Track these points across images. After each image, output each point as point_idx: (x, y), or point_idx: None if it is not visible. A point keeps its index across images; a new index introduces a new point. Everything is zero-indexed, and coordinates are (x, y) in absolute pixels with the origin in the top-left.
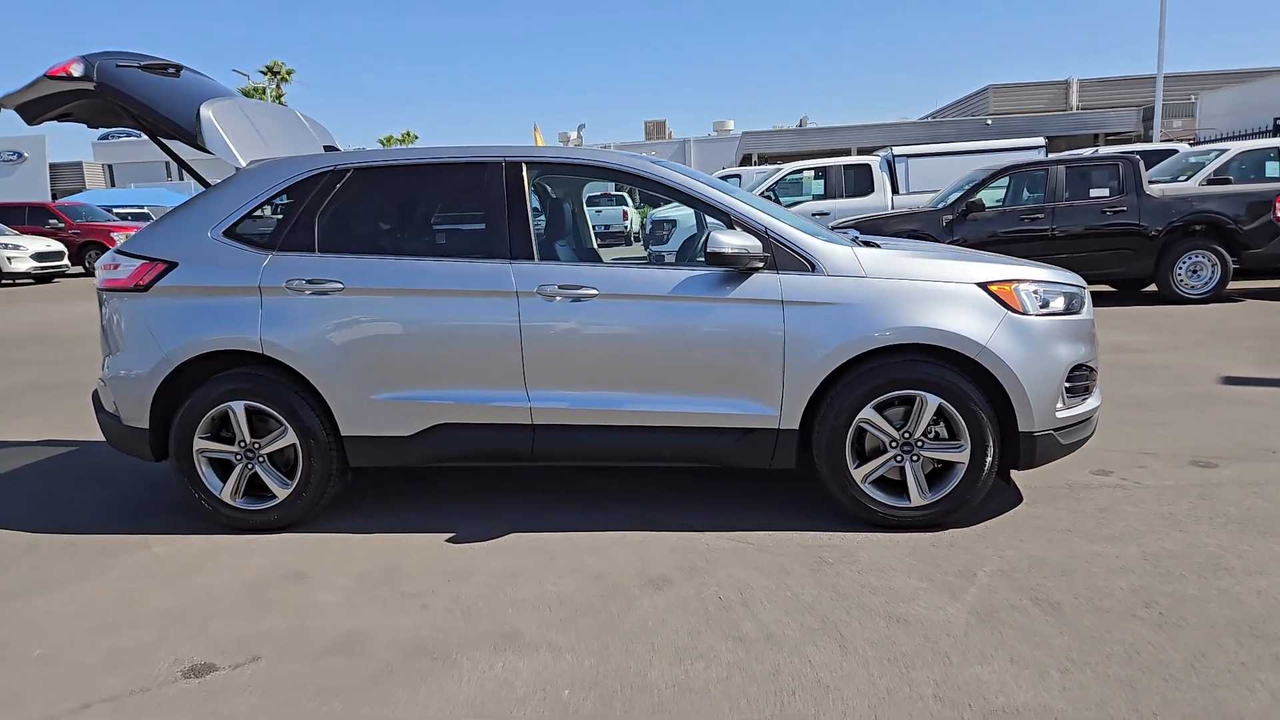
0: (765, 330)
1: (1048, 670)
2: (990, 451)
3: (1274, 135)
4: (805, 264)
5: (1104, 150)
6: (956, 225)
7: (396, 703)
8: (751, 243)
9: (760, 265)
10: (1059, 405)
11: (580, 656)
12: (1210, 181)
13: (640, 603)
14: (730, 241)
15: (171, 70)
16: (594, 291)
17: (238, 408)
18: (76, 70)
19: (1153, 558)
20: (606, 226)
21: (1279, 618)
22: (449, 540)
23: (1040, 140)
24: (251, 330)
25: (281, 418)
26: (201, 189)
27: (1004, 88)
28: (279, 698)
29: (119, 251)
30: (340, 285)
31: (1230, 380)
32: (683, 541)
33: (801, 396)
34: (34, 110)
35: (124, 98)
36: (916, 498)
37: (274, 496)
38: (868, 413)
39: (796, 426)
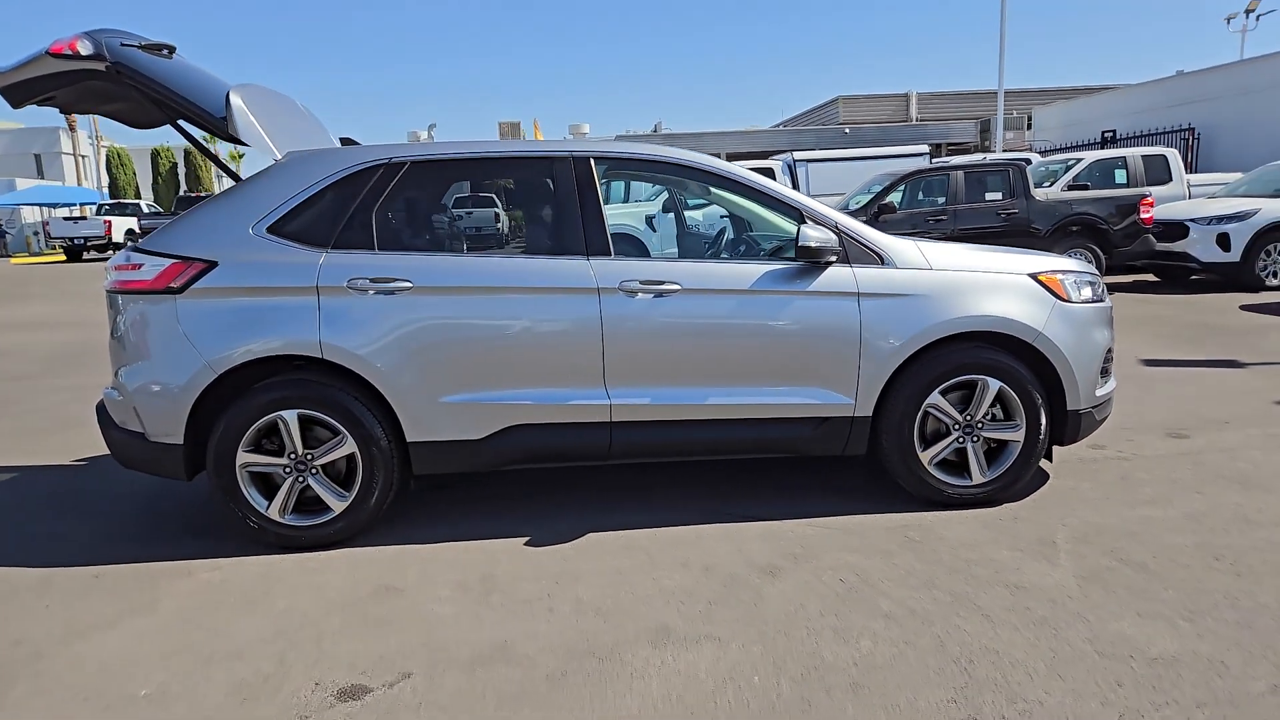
0: (843, 322)
1: (1175, 621)
2: (1043, 430)
3: (1103, 146)
4: (875, 257)
5: (992, 157)
6: (870, 225)
7: (591, 703)
8: (831, 237)
9: (834, 259)
10: (1098, 384)
11: (745, 644)
12: (1071, 187)
13: (767, 590)
14: (816, 235)
15: (165, 51)
16: (676, 287)
17: (290, 417)
18: (84, 48)
19: (1194, 517)
20: (478, 229)
21: None
22: (529, 544)
23: (924, 148)
24: (309, 333)
25: (340, 425)
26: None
27: (852, 99)
28: (463, 711)
29: (139, 250)
30: (409, 284)
31: (1151, 362)
32: (767, 531)
33: (876, 385)
34: (24, 92)
35: (142, 79)
36: (978, 476)
37: (329, 510)
38: (934, 398)
39: (870, 414)
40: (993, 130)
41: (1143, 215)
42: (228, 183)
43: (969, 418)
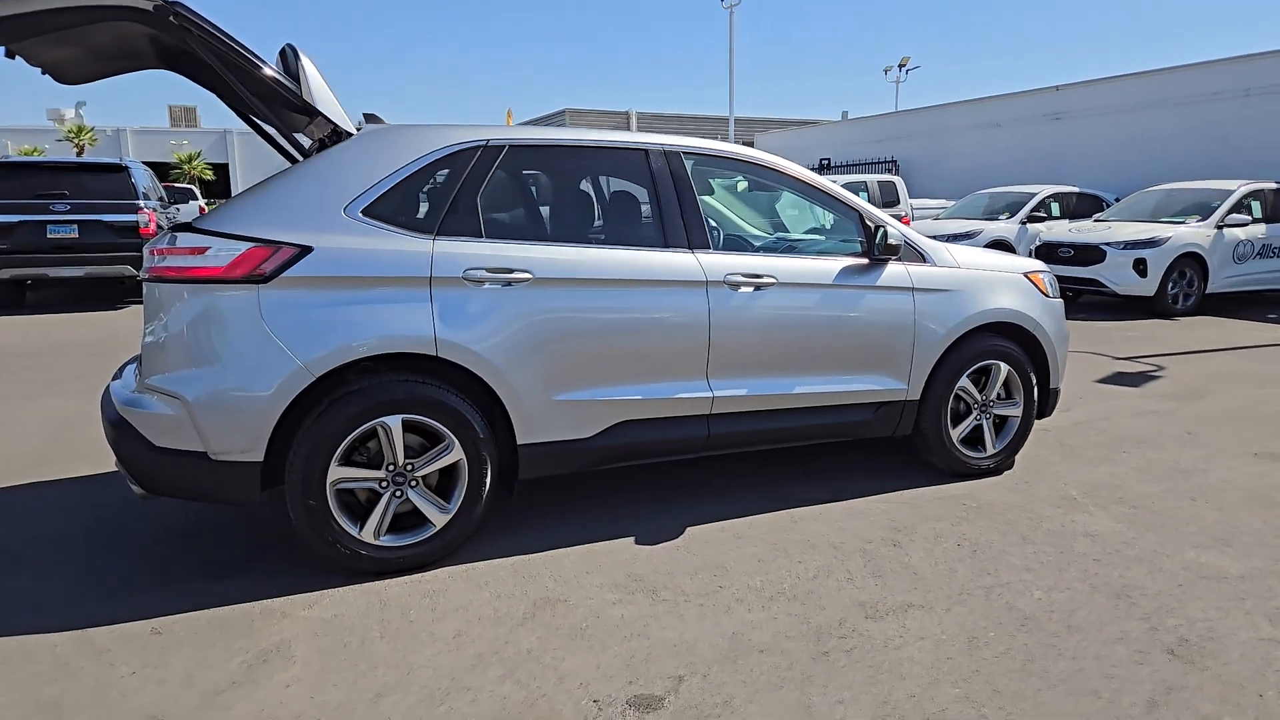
0: (902, 313)
1: (1223, 547)
2: (1035, 405)
3: (821, 173)
4: (919, 256)
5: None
6: None
7: (877, 671)
8: (902, 237)
9: (900, 256)
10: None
11: (946, 607)
12: None
13: (908, 561)
14: (895, 234)
15: None
16: (773, 280)
17: (393, 423)
18: None
19: (1143, 470)
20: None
21: (1270, 492)
22: (640, 543)
23: None
24: (424, 329)
25: (447, 431)
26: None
27: (578, 112)
28: (769, 698)
29: (203, 230)
30: (529, 275)
31: None
32: (847, 510)
33: (924, 371)
34: (19, 28)
35: (207, 31)
36: (990, 449)
37: (427, 526)
38: (963, 381)
39: (919, 397)
40: None
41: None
42: None
43: (985, 398)
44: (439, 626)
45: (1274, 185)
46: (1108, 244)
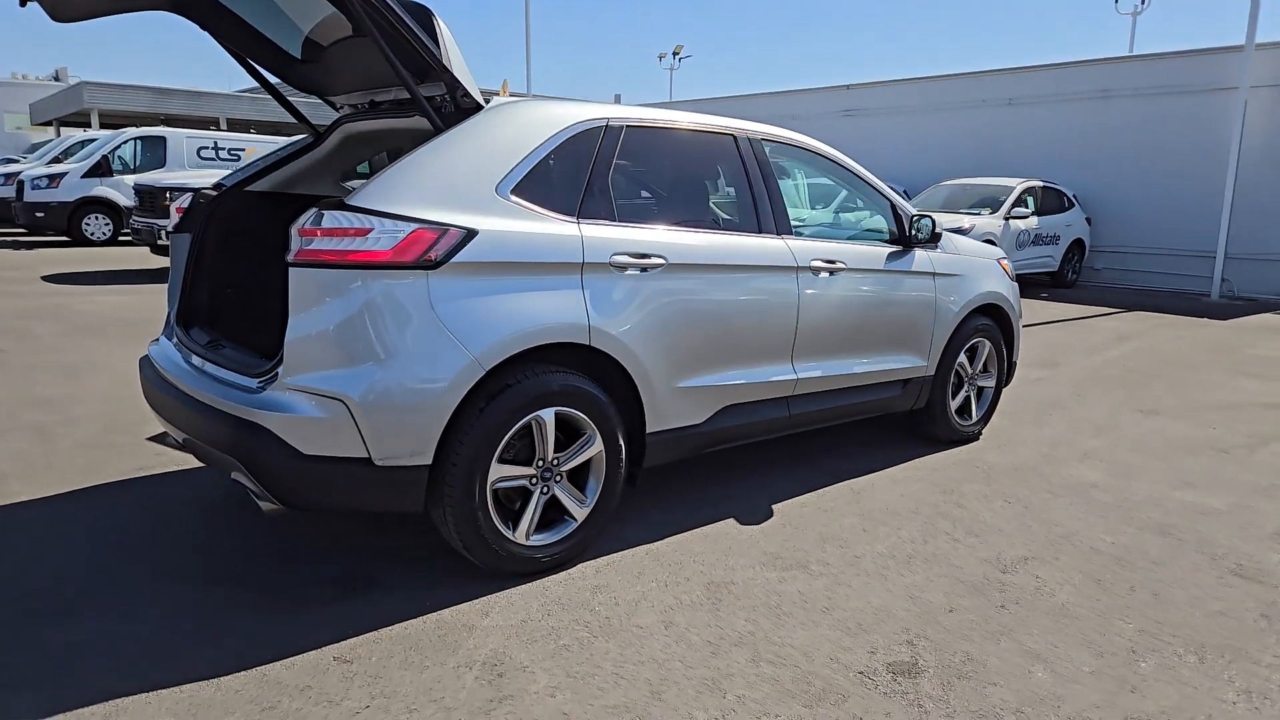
0: (928, 295)
1: (1192, 488)
2: (1003, 376)
3: None
4: (934, 243)
5: None
6: None
7: (1047, 617)
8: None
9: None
10: None
11: (1053, 555)
12: None
13: (983, 518)
14: (934, 221)
15: None
16: (843, 265)
17: (547, 417)
18: None
19: (1074, 427)
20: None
21: (1181, 441)
22: (745, 523)
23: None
24: (578, 316)
25: (591, 422)
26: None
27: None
28: (999, 651)
29: (361, 210)
30: (663, 261)
31: None
32: (893, 479)
33: (939, 348)
34: None
35: None
36: (975, 416)
37: (569, 522)
38: (961, 357)
39: (934, 373)
40: None
41: None
42: None
43: (973, 371)
44: (639, 619)
45: (1041, 183)
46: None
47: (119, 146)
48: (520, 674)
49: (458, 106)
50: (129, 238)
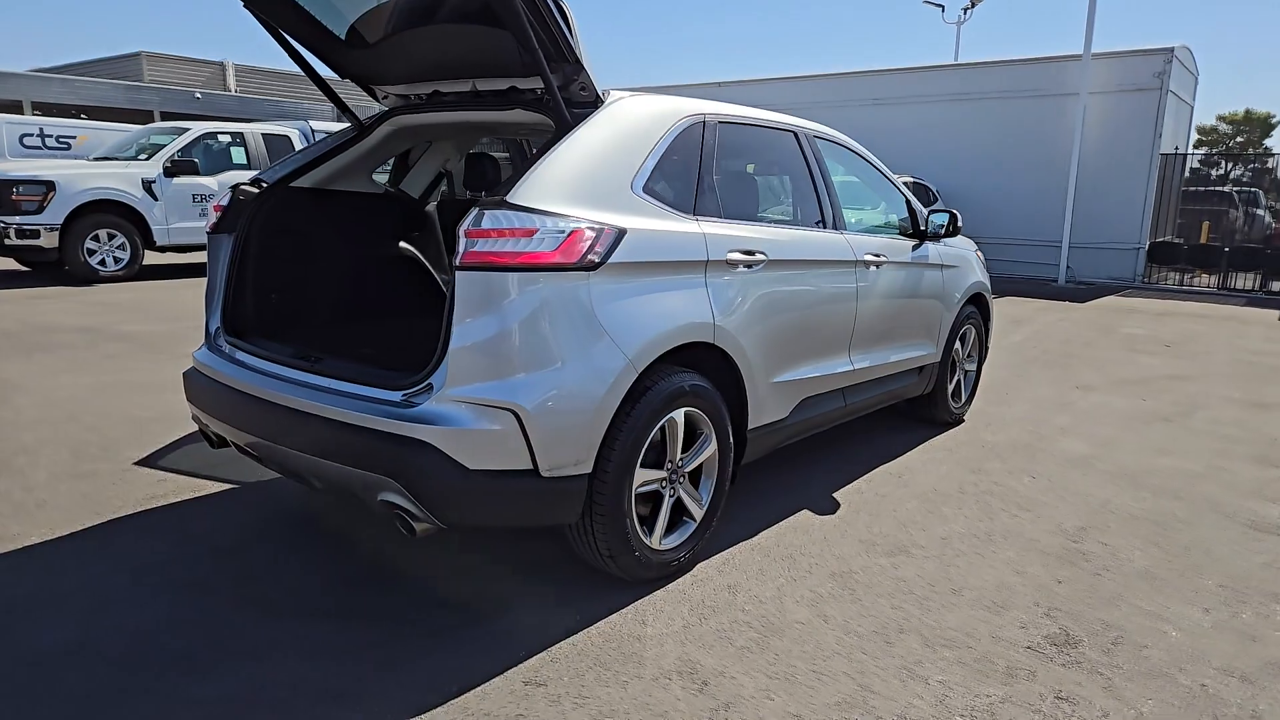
0: (939, 285)
1: (1166, 455)
2: (983, 361)
3: None
4: (953, 235)
5: None
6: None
7: (1132, 580)
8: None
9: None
10: None
11: (1105, 525)
12: None
13: (1025, 494)
14: (948, 218)
15: None
16: (885, 259)
17: (679, 418)
18: None
19: (1039, 403)
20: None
21: (1129, 414)
22: (820, 514)
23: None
24: (706, 315)
25: (709, 421)
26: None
27: (157, 56)
28: (1131, 614)
29: (525, 209)
30: (765, 257)
31: None
32: (923, 461)
33: (945, 336)
34: None
35: None
36: (963, 398)
37: (689, 523)
38: (956, 344)
39: (940, 359)
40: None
41: None
42: None
43: (964, 356)
44: (795, 614)
45: (910, 179)
46: None
47: None
48: (723, 679)
49: (570, 100)
50: None
